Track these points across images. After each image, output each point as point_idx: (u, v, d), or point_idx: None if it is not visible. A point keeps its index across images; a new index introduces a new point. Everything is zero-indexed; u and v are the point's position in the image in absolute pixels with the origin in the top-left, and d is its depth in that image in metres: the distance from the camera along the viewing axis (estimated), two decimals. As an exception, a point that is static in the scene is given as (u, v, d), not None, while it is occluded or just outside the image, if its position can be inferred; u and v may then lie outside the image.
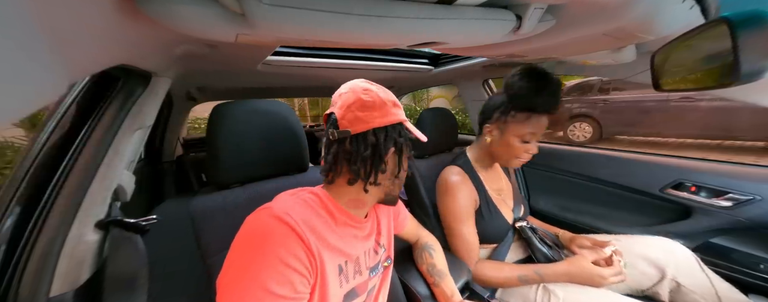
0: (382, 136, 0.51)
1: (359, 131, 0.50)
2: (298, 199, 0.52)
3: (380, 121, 0.51)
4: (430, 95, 7.66)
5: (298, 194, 0.54)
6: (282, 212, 0.46)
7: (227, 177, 0.69)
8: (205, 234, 0.63)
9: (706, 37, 0.45)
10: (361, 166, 0.51)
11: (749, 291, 0.86)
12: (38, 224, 0.45)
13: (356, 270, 0.55)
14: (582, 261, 0.82)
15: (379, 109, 0.51)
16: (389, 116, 0.52)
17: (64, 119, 0.52)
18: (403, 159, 0.55)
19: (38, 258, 0.43)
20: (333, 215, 0.53)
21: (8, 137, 2.54)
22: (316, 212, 0.51)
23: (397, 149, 0.53)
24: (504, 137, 0.88)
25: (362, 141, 0.51)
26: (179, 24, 0.36)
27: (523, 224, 0.96)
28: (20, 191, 0.46)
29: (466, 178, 0.93)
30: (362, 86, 0.53)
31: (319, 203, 0.53)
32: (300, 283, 0.43)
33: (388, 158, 0.53)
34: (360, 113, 0.50)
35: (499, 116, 0.88)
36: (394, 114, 0.52)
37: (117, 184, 0.55)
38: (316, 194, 0.55)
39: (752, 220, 0.91)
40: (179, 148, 2.00)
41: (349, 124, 0.50)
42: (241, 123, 0.67)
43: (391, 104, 0.52)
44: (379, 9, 0.38)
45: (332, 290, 0.49)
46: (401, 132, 0.54)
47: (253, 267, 0.41)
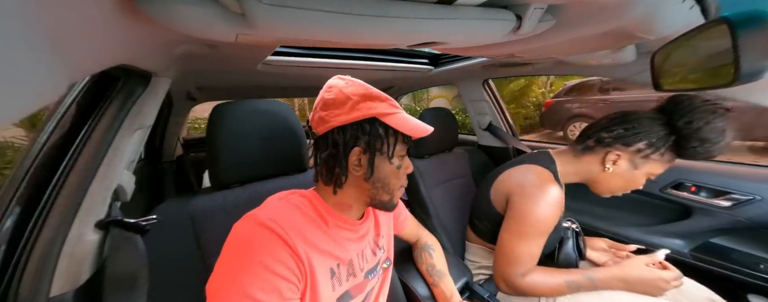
0: (341, 135, 0.48)
1: (322, 132, 0.49)
2: (287, 203, 0.51)
3: (343, 118, 0.47)
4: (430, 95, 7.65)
5: (287, 197, 0.53)
6: (266, 219, 0.45)
7: (227, 177, 0.69)
8: (205, 234, 0.63)
9: (706, 37, 0.45)
10: (322, 168, 0.51)
11: (749, 291, 0.86)
12: (38, 225, 0.45)
13: (350, 273, 0.54)
14: (639, 265, 0.75)
15: (340, 106, 0.47)
16: (356, 111, 0.47)
17: (64, 119, 0.52)
18: (379, 159, 0.50)
19: (38, 258, 0.43)
20: (323, 218, 0.52)
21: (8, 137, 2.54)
22: (305, 216, 0.50)
23: (367, 147, 0.48)
24: (636, 171, 0.76)
25: (324, 142, 0.49)
26: (179, 24, 0.36)
27: (569, 224, 0.89)
28: (20, 191, 0.46)
29: (561, 193, 0.79)
30: (329, 82, 0.51)
31: (310, 207, 0.52)
32: (287, 289, 0.42)
33: (352, 159, 0.49)
34: (322, 112, 0.49)
35: (643, 149, 0.73)
36: (362, 109, 0.47)
37: (117, 184, 0.55)
38: (307, 196, 0.53)
39: (752, 220, 0.91)
40: (179, 148, 2.00)
41: (316, 125, 0.50)
42: (241, 123, 0.67)
43: (359, 98, 0.47)
44: (379, 9, 0.38)
45: (324, 294, 0.48)
46: (371, 129, 0.48)
47: (237, 276, 0.41)
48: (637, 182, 0.78)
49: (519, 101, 6.36)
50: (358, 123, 0.48)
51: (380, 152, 0.49)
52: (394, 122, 0.49)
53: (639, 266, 0.75)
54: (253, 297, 0.39)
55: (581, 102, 5.03)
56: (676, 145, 0.71)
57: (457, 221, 1.18)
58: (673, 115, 0.72)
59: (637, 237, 1.12)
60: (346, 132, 0.48)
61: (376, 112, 0.48)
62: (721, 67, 0.43)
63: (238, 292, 0.39)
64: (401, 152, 0.53)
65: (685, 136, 0.69)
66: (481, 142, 1.71)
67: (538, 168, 0.83)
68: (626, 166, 0.76)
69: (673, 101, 0.74)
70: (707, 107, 0.67)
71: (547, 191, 0.76)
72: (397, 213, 0.74)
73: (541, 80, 6.57)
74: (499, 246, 0.81)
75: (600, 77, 4.32)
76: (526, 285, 0.76)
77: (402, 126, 0.49)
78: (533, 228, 0.76)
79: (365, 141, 0.48)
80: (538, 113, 6.24)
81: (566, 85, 5.47)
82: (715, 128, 0.66)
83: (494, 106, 1.61)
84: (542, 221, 0.76)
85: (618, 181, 0.79)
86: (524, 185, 0.80)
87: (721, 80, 0.44)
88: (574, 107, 5.08)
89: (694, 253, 0.99)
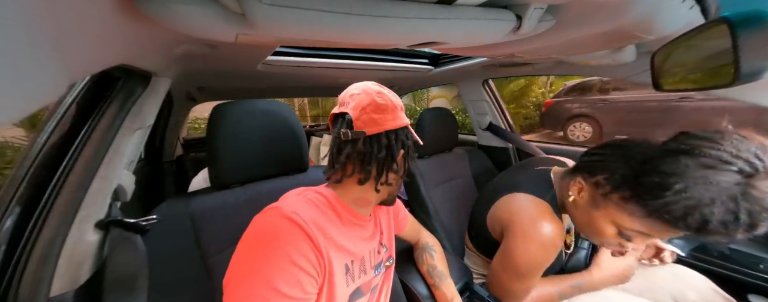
0: (393, 138, 0.53)
1: (374, 133, 0.52)
2: (305, 198, 0.53)
3: (392, 124, 0.53)
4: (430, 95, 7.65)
5: (304, 193, 0.55)
6: (291, 212, 0.46)
7: (227, 177, 0.68)
8: (205, 234, 0.63)
9: (706, 37, 0.45)
10: (374, 166, 0.53)
11: (749, 291, 0.86)
12: (38, 225, 0.45)
13: (361, 270, 0.56)
14: (607, 257, 0.75)
15: (391, 112, 0.53)
16: (399, 119, 0.54)
17: (64, 119, 0.52)
18: (409, 161, 0.57)
19: (38, 258, 0.43)
20: (339, 215, 0.54)
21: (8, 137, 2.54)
22: (323, 212, 0.52)
23: (406, 151, 0.55)
24: (594, 213, 0.63)
25: (376, 142, 0.52)
26: (179, 24, 0.36)
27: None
28: (20, 191, 0.46)
29: (559, 226, 0.69)
30: (376, 89, 0.55)
31: (326, 203, 0.54)
32: (309, 283, 0.44)
33: (399, 159, 0.55)
34: (375, 115, 0.52)
35: (602, 184, 0.60)
36: (402, 118, 0.55)
37: (117, 184, 0.55)
38: (322, 193, 0.55)
39: None
40: (179, 148, 2.00)
41: (363, 125, 0.51)
42: (241, 123, 0.67)
43: (400, 109, 0.55)
44: (379, 9, 0.38)
45: (339, 289, 0.49)
46: (408, 135, 0.56)
47: (262, 268, 0.41)
48: (598, 227, 0.62)
49: (519, 101, 6.35)
50: (402, 129, 0.55)
51: (410, 155, 0.57)
52: (412, 131, 0.58)
53: (609, 260, 0.77)
54: (278, 290, 0.40)
55: (581, 102, 5.03)
56: (647, 193, 0.51)
57: (457, 222, 1.18)
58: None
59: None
60: (398, 136, 0.54)
61: (406, 122, 0.56)
62: (721, 67, 0.43)
63: (263, 284, 0.40)
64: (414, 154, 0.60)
65: (641, 181, 0.52)
66: (481, 142, 1.71)
67: (534, 200, 0.73)
68: (588, 201, 0.64)
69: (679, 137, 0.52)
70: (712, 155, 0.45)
71: (540, 231, 0.68)
72: (396, 211, 0.74)
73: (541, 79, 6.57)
74: (493, 275, 0.78)
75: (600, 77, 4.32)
76: (538, 297, 0.76)
77: (414, 136, 0.58)
78: (525, 268, 0.71)
79: (408, 145, 0.56)
80: (538, 113, 6.24)
81: (566, 85, 5.47)
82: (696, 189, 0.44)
83: (494, 106, 1.61)
84: (534, 264, 0.70)
85: (581, 216, 0.66)
86: (516, 222, 0.72)
87: (721, 80, 0.44)
88: (574, 107, 5.08)
89: (694, 253, 0.99)
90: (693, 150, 0.47)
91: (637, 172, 0.54)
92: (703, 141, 0.47)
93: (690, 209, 0.45)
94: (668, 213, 0.48)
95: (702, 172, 0.45)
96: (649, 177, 0.51)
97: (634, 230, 0.57)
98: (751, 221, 0.43)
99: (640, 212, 0.54)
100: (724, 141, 0.46)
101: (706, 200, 0.44)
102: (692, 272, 0.83)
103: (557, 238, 0.68)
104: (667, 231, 0.52)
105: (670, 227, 0.50)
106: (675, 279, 0.82)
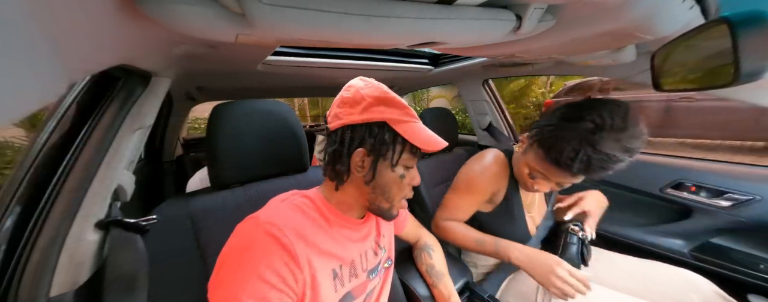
0: (349, 133, 0.48)
1: (334, 128, 0.49)
2: (289, 204, 0.51)
3: (354, 118, 0.48)
4: (430, 95, 7.64)
5: (290, 198, 0.53)
6: (266, 223, 0.45)
7: (227, 177, 0.68)
8: (205, 234, 0.63)
9: (706, 37, 0.45)
10: (329, 165, 0.51)
11: (749, 291, 0.86)
12: (38, 225, 0.45)
13: (352, 274, 0.54)
14: (550, 256, 0.75)
15: (354, 105, 0.48)
16: (367, 113, 0.47)
17: (64, 119, 0.52)
18: (382, 165, 0.49)
19: (38, 258, 0.43)
20: (326, 218, 0.52)
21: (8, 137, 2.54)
22: (307, 217, 0.50)
23: (372, 150, 0.48)
24: (522, 158, 0.80)
25: (333, 137, 0.50)
26: (179, 24, 0.36)
27: (576, 230, 0.87)
28: (20, 191, 0.46)
29: (503, 170, 0.88)
30: (350, 82, 0.52)
31: (312, 207, 0.52)
32: (277, 299, 0.42)
33: (355, 159, 0.49)
34: (337, 109, 0.50)
35: (531, 136, 0.75)
36: (374, 112, 0.47)
37: (117, 184, 0.55)
38: (309, 197, 0.54)
39: (752, 220, 0.91)
40: (179, 148, 2.00)
41: (330, 121, 0.51)
42: (241, 123, 0.67)
43: (373, 101, 0.48)
44: (379, 9, 0.38)
45: (325, 295, 0.48)
46: (379, 132, 0.48)
47: (231, 281, 0.41)
48: (520, 168, 0.81)
49: (519, 101, 6.35)
50: (368, 125, 0.48)
51: (384, 157, 0.49)
52: (404, 130, 0.48)
53: (547, 256, 0.75)
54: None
55: (581, 102, 5.02)
56: (542, 135, 0.70)
57: (457, 221, 1.18)
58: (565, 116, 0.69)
59: (637, 236, 1.12)
60: (355, 131, 0.48)
61: (386, 117, 0.47)
62: (721, 67, 0.43)
63: (229, 295, 0.40)
64: (408, 162, 0.51)
65: (547, 135, 0.68)
66: (481, 142, 1.71)
67: (495, 151, 0.94)
68: (520, 150, 0.83)
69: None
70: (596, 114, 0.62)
71: (484, 157, 0.91)
72: None
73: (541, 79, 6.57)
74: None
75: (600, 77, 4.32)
76: (444, 227, 0.90)
77: (413, 136, 0.48)
78: (462, 183, 0.90)
79: (371, 144, 0.48)
80: (538, 113, 6.24)
81: (566, 85, 5.47)
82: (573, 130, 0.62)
83: (494, 106, 1.61)
84: (470, 179, 0.89)
85: (516, 164, 0.86)
86: (470, 160, 0.95)
87: (721, 80, 0.44)
88: (574, 107, 5.08)
89: (694, 253, 0.99)
90: (568, 108, 0.68)
91: (547, 123, 0.70)
92: (583, 101, 0.68)
93: (556, 146, 0.64)
94: (546, 150, 0.68)
95: (568, 122, 0.65)
96: (547, 125, 0.69)
97: (536, 170, 0.75)
98: (588, 161, 0.60)
99: (541, 154, 0.70)
100: (593, 104, 0.65)
101: (564, 140, 0.63)
102: (695, 275, 0.83)
103: (495, 169, 0.88)
104: (551, 169, 0.70)
105: (548, 164, 0.69)
106: (677, 281, 0.82)
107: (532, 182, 0.78)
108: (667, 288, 0.81)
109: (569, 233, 0.87)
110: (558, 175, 0.70)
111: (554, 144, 0.65)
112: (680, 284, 0.81)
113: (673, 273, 0.85)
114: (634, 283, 0.85)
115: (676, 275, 0.84)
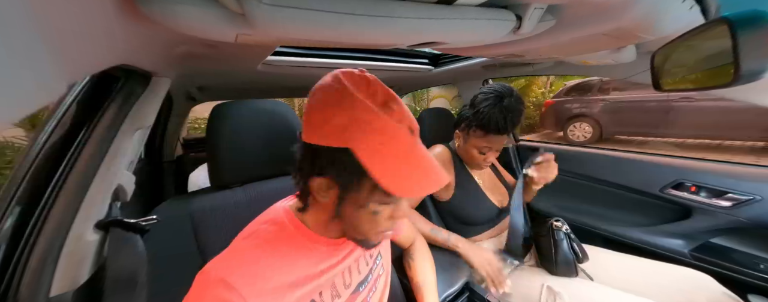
0: (309, 154, 0.40)
1: (299, 136, 0.42)
2: (252, 242, 0.45)
3: (314, 138, 0.39)
4: (430, 95, 7.65)
5: (256, 232, 0.47)
6: (219, 283, 0.39)
7: (227, 177, 0.68)
8: (205, 234, 0.63)
9: (706, 37, 0.45)
10: (293, 177, 0.44)
11: (749, 291, 0.86)
12: (38, 225, 0.45)
13: (334, 295, 0.49)
14: (487, 250, 0.93)
15: (315, 122, 0.39)
16: (331, 137, 0.37)
17: (64, 119, 0.52)
18: (350, 198, 0.40)
19: (38, 258, 0.43)
20: (299, 244, 0.46)
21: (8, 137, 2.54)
22: (275, 252, 0.44)
23: (335, 181, 0.39)
24: (466, 146, 0.98)
25: (299, 150, 0.43)
26: (179, 24, 0.36)
27: (559, 224, 0.94)
28: (20, 191, 0.46)
29: (448, 162, 1.04)
30: (319, 82, 0.42)
31: (281, 236, 0.46)
32: None
33: (313, 185, 0.41)
34: (304, 117, 0.42)
35: (464, 127, 0.97)
36: (339, 138, 0.36)
37: (117, 184, 0.55)
38: (278, 222, 0.47)
39: (752, 220, 0.91)
40: (179, 148, 2.00)
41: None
42: (241, 123, 0.67)
43: (346, 121, 0.36)
44: (379, 9, 0.38)
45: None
46: (341, 163, 0.37)
47: None
48: (470, 154, 0.97)
49: (519, 101, 6.35)
50: (330, 149, 0.37)
51: (349, 192, 0.39)
52: (377, 165, 0.36)
53: (485, 249, 0.94)
54: None
55: (581, 102, 5.03)
56: (475, 122, 0.90)
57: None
58: (472, 101, 0.93)
59: (637, 236, 1.12)
60: (316, 154, 0.39)
61: (355, 146, 0.36)
62: (721, 67, 0.43)
63: None
64: (383, 200, 0.40)
65: (473, 113, 0.90)
66: (481, 142, 1.71)
67: (437, 145, 1.11)
68: (463, 140, 1.00)
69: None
70: (485, 90, 0.91)
71: (431, 151, 1.02)
72: None
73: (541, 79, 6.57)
74: None
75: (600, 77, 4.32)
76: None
77: (388, 174, 0.36)
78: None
79: (332, 174, 0.39)
80: (538, 113, 6.24)
81: (566, 85, 5.47)
82: (479, 103, 0.87)
83: (494, 106, 1.61)
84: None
85: (463, 153, 1.02)
86: None
87: (721, 80, 0.44)
88: (574, 107, 5.08)
89: (694, 253, 0.99)
90: (483, 92, 0.90)
91: (471, 112, 0.92)
92: (485, 88, 0.92)
93: (488, 120, 0.86)
94: (483, 127, 0.89)
95: (484, 103, 0.87)
96: (473, 112, 0.90)
97: (484, 146, 0.93)
98: (510, 117, 0.85)
99: (481, 133, 0.91)
100: (493, 87, 0.90)
101: (489, 115, 0.86)
102: (700, 274, 0.83)
103: (440, 159, 1.04)
104: (493, 139, 0.91)
105: (491, 135, 0.90)
106: (682, 280, 0.82)
107: (483, 157, 0.96)
108: (672, 287, 0.81)
109: (554, 230, 0.92)
110: (498, 140, 0.91)
111: (486, 120, 0.86)
112: (685, 283, 0.81)
113: (678, 272, 0.85)
114: (635, 283, 0.85)
115: (680, 274, 0.84)
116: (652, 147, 4.22)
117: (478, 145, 0.94)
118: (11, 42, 0.21)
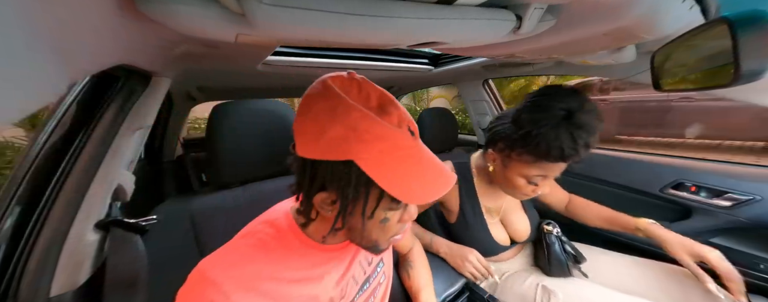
0: (309, 168, 0.37)
1: (293, 151, 0.40)
2: (249, 243, 0.44)
3: (311, 151, 0.37)
4: (430, 95, 7.64)
5: (253, 233, 0.45)
6: (211, 284, 0.37)
7: (227, 177, 0.69)
8: (205, 234, 0.63)
9: (706, 37, 0.45)
10: (293, 192, 0.43)
11: (749, 291, 0.86)
12: (38, 224, 0.45)
13: (338, 296, 0.49)
14: (465, 248, 0.87)
15: (311, 133, 0.37)
16: (331, 151, 0.35)
17: (64, 119, 0.52)
18: (355, 211, 0.38)
19: (38, 258, 0.43)
20: (297, 251, 0.44)
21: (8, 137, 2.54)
22: (271, 257, 0.42)
23: (338, 196, 0.37)
24: (507, 172, 0.75)
25: (295, 162, 0.41)
26: (179, 24, 0.36)
27: (550, 228, 0.91)
28: (20, 191, 0.46)
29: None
30: (308, 90, 0.40)
31: (279, 240, 0.44)
32: None
33: (317, 201, 0.39)
34: (295, 131, 0.40)
35: (503, 148, 0.74)
36: (339, 150, 0.34)
37: (117, 184, 0.55)
38: (276, 225, 0.46)
39: (752, 220, 0.91)
40: (179, 148, 2.00)
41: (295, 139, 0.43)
42: (241, 123, 0.67)
43: (344, 130, 0.34)
44: (379, 9, 0.38)
45: None
46: (345, 176, 0.35)
47: None
48: (513, 182, 0.74)
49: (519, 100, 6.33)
50: (330, 163, 0.35)
51: (353, 206, 0.37)
52: (384, 177, 0.34)
53: (463, 246, 0.87)
54: None
55: (581, 102, 5.02)
56: (523, 144, 0.67)
57: (457, 221, 1.18)
58: (516, 119, 0.69)
59: (637, 236, 1.12)
60: (316, 168, 0.37)
61: (357, 156, 0.34)
62: (721, 67, 0.43)
63: None
64: (391, 207, 0.39)
65: (521, 135, 0.66)
66: (481, 142, 1.71)
67: (448, 162, 0.89)
68: (500, 165, 0.77)
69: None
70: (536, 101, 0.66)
71: None
72: None
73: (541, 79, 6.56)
74: None
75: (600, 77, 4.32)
76: None
77: (396, 182, 0.35)
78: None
79: (335, 188, 0.36)
80: (538, 113, 6.23)
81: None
82: (529, 121, 0.64)
83: (494, 106, 1.61)
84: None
85: (501, 179, 0.79)
86: None
87: (721, 80, 0.44)
88: (574, 107, 5.08)
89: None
90: (534, 105, 0.66)
91: (516, 130, 0.68)
92: (540, 97, 0.67)
93: (541, 144, 0.63)
94: (533, 153, 0.66)
95: (538, 119, 0.63)
96: (521, 132, 0.67)
97: (535, 174, 0.71)
98: (574, 141, 0.61)
99: (531, 159, 0.68)
100: (552, 95, 0.65)
101: (546, 136, 0.62)
102: (698, 273, 0.83)
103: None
104: (551, 166, 0.69)
105: (548, 162, 0.67)
106: (681, 280, 0.82)
107: (533, 187, 0.74)
108: (671, 287, 0.81)
109: (545, 234, 0.90)
110: (554, 168, 0.71)
111: (546, 145, 0.62)
112: (685, 282, 0.81)
113: (678, 271, 0.85)
114: (635, 282, 0.85)
115: (678, 273, 0.84)
116: (652, 147, 4.22)
117: (527, 173, 0.71)
118: (11, 42, 0.21)
